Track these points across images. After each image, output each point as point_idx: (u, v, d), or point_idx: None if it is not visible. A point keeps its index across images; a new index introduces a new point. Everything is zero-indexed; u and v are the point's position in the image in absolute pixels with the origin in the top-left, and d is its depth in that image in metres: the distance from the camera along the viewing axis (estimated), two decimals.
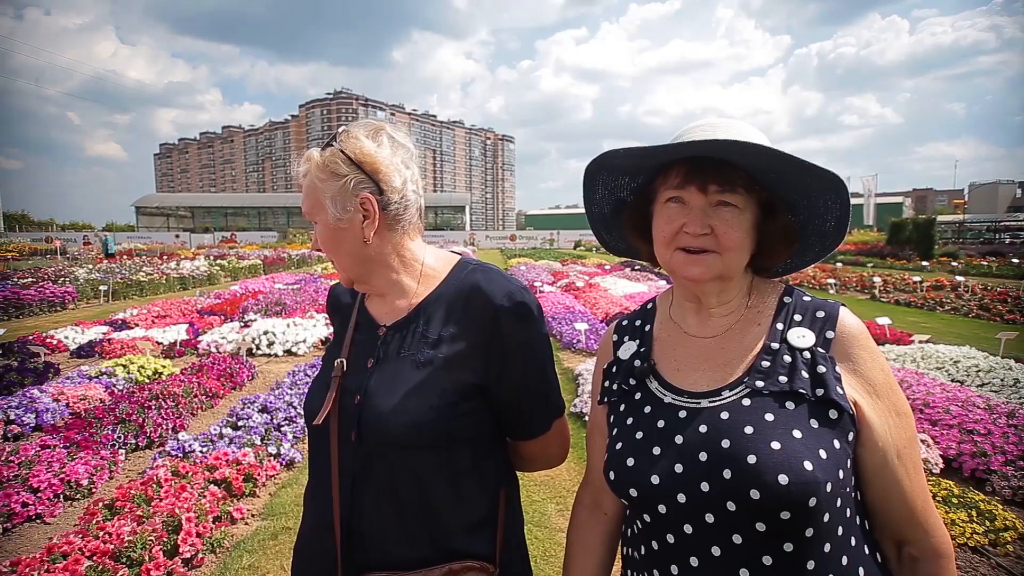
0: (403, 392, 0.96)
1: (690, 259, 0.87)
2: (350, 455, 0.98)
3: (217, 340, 7.71)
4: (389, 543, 0.96)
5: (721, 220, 0.86)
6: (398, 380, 0.98)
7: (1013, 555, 2.76)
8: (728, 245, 0.86)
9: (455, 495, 0.98)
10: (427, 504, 0.97)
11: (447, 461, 0.98)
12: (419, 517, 0.96)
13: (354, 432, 0.97)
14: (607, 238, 1.09)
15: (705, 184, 0.86)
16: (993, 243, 38.36)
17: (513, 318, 1.00)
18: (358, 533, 0.97)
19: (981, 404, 4.40)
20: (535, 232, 54.99)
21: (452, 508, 0.98)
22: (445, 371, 0.98)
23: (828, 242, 0.96)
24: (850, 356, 0.85)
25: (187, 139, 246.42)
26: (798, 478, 0.75)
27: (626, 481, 0.87)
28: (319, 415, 0.99)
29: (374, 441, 0.96)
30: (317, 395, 1.06)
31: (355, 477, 0.97)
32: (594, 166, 0.97)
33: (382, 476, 0.96)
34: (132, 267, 17.54)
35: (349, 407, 1.00)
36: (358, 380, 1.02)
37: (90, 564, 2.53)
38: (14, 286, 12.25)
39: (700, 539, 0.81)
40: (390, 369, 1.00)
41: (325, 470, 1.00)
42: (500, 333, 0.99)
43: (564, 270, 17.96)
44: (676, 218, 0.88)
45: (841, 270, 18.66)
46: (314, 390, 1.09)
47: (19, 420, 4.53)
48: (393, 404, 0.95)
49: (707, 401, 0.87)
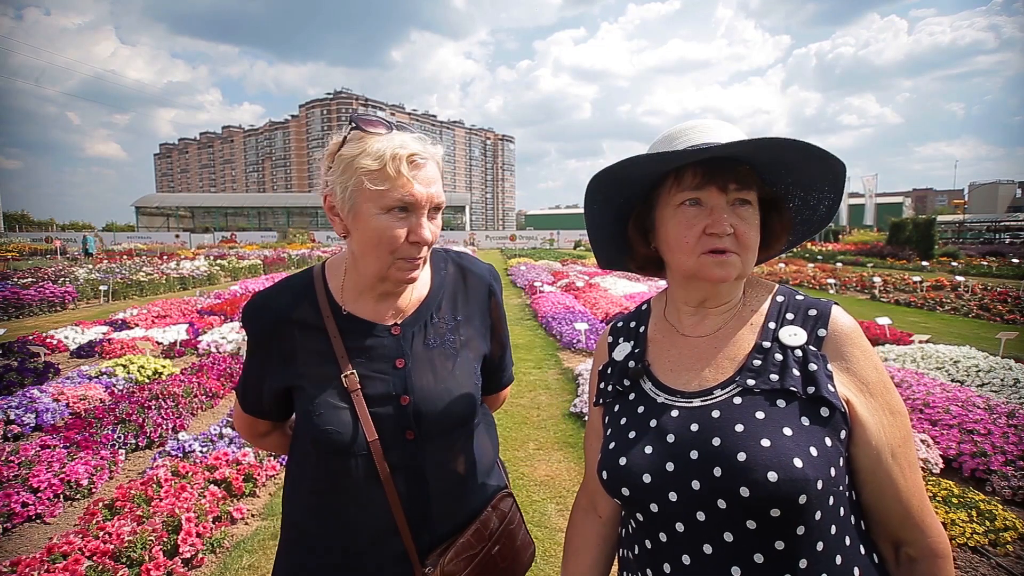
0: (449, 382, 1.04)
1: (717, 261, 0.85)
2: (398, 455, 1.00)
3: (217, 340, 7.71)
4: (447, 517, 1.05)
5: (740, 219, 0.86)
6: (439, 372, 1.04)
7: (1013, 555, 2.76)
8: (748, 244, 0.86)
9: (478, 449, 1.11)
10: (465, 467, 1.08)
11: (472, 425, 1.11)
12: (462, 482, 1.07)
13: (410, 431, 1.01)
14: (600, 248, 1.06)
15: (725, 183, 0.85)
16: (993, 243, 38.39)
17: (498, 289, 1.18)
18: (423, 522, 1.02)
19: (981, 404, 4.40)
20: (535, 232, 55.00)
21: (477, 461, 1.11)
22: (468, 351, 1.10)
23: (811, 230, 0.99)
24: (842, 354, 0.85)
25: (187, 139, 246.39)
26: (787, 475, 0.75)
27: (618, 480, 0.88)
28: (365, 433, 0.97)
29: (433, 433, 1.02)
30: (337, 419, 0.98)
31: (409, 473, 1.01)
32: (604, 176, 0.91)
33: (433, 462, 1.03)
34: (132, 267, 17.54)
35: (394, 411, 1.00)
36: (391, 383, 1.01)
37: (90, 564, 2.54)
38: (14, 286, 12.26)
39: (692, 537, 0.82)
40: (425, 363, 1.04)
41: (366, 482, 0.99)
42: (494, 304, 1.16)
43: (564, 270, 17.96)
44: (696, 221, 0.86)
45: (841, 270, 18.66)
46: (328, 415, 0.98)
47: (19, 420, 4.53)
48: (446, 395, 1.03)
49: (699, 400, 0.87)
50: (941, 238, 27.83)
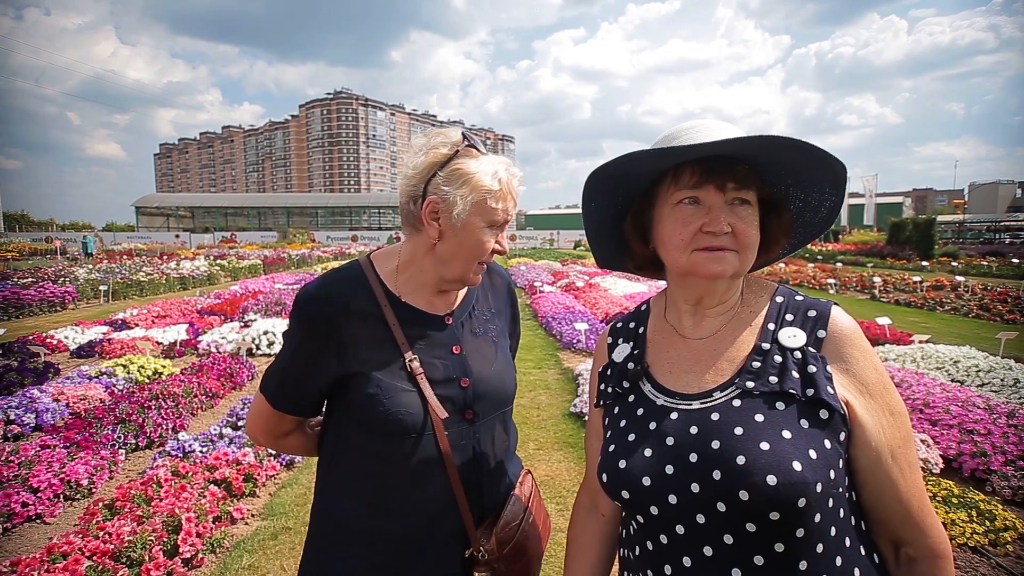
0: (496, 366, 1.16)
1: (711, 257, 0.86)
2: (457, 435, 1.08)
3: (217, 340, 7.71)
4: (494, 491, 1.15)
5: (739, 218, 0.86)
6: (488, 358, 1.16)
7: (1013, 555, 2.76)
8: (746, 243, 0.86)
9: (511, 428, 1.25)
10: (506, 445, 1.21)
11: (511, 406, 1.23)
12: (503, 458, 1.19)
13: (469, 412, 1.10)
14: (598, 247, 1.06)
15: (724, 182, 0.85)
16: (993, 243, 38.40)
17: (513, 283, 1.34)
18: (476, 497, 1.11)
19: (981, 404, 4.40)
20: (535, 232, 54.95)
21: (510, 440, 1.23)
22: (503, 339, 1.24)
23: (813, 232, 0.98)
24: (842, 355, 0.84)
25: (187, 139, 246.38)
26: (787, 478, 0.75)
27: (618, 483, 0.88)
28: (438, 412, 1.04)
29: (486, 413, 1.12)
30: (405, 400, 1.03)
31: (467, 451, 1.09)
32: (601, 173, 0.92)
33: (485, 440, 1.13)
34: (132, 267, 17.54)
35: (455, 393, 1.09)
36: (451, 367, 1.09)
37: (90, 564, 2.54)
38: (14, 286, 12.26)
39: (692, 540, 0.81)
40: (476, 350, 1.15)
41: (428, 463, 1.06)
42: (514, 299, 1.32)
43: (564, 270, 17.95)
44: (693, 219, 0.86)
45: (841, 270, 18.66)
46: (396, 398, 1.03)
47: (19, 420, 4.53)
48: (498, 378, 1.15)
49: (698, 403, 0.87)
50: (941, 238, 27.83)
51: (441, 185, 1.03)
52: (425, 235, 1.07)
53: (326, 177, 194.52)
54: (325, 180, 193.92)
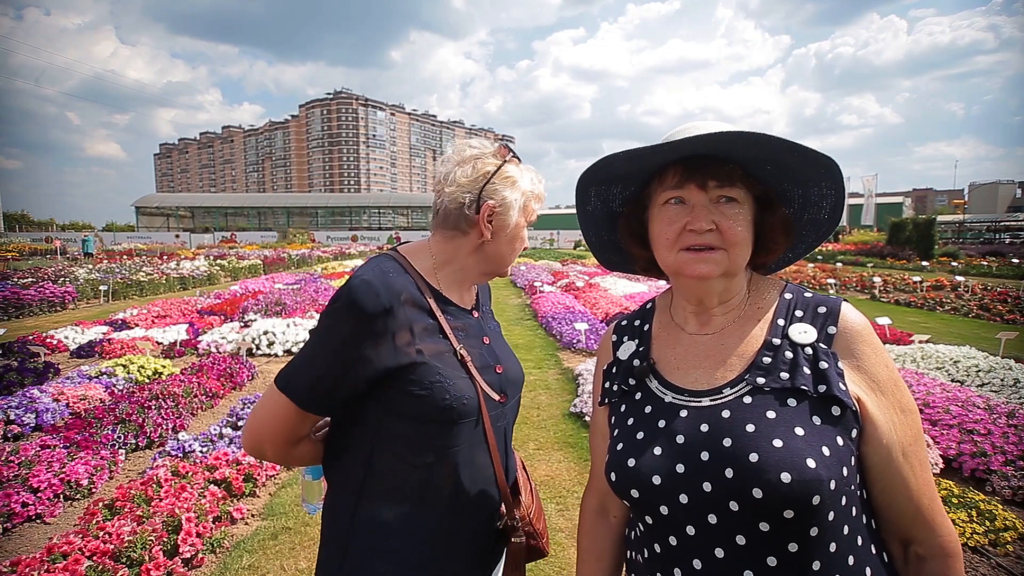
0: (512, 355, 1.27)
1: (697, 257, 0.85)
2: (494, 417, 1.16)
3: (217, 340, 7.71)
4: (513, 465, 1.25)
5: (724, 216, 0.85)
6: (504, 347, 1.26)
7: (1013, 555, 2.76)
8: (733, 240, 0.85)
9: None
10: (514, 425, 1.30)
11: None
12: (512, 437, 1.28)
13: (503, 395, 1.19)
14: (600, 251, 1.07)
15: (704, 180, 0.85)
16: (993, 243, 38.41)
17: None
18: (506, 472, 1.19)
19: (981, 404, 4.39)
20: (535, 232, 54.86)
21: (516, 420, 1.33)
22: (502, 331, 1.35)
23: (822, 231, 0.96)
24: (853, 352, 0.84)
25: (187, 139, 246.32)
26: (801, 476, 0.74)
27: (627, 482, 0.86)
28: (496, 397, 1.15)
29: (513, 396, 1.23)
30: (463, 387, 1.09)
31: (500, 432, 1.18)
32: (586, 178, 0.94)
33: (511, 420, 1.25)
34: (132, 267, 17.53)
35: (493, 379, 1.17)
36: (486, 355, 1.18)
37: (90, 564, 2.53)
38: (14, 286, 12.24)
39: (703, 541, 0.80)
40: (498, 340, 1.26)
41: (477, 442, 1.13)
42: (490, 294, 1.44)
43: (564, 270, 17.95)
44: (677, 218, 0.86)
45: (841, 270, 18.67)
46: (457, 384, 1.07)
47: (19, 420, 4.52)
48: (517, 365, 1.26)
49: (708, 399, 0.85)
50: (941, 238, 27.84)
51: (499, 191, 1.13)
52: (472, 236, 1.15)
53: (326, 177, 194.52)
54: (325, 180, 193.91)
